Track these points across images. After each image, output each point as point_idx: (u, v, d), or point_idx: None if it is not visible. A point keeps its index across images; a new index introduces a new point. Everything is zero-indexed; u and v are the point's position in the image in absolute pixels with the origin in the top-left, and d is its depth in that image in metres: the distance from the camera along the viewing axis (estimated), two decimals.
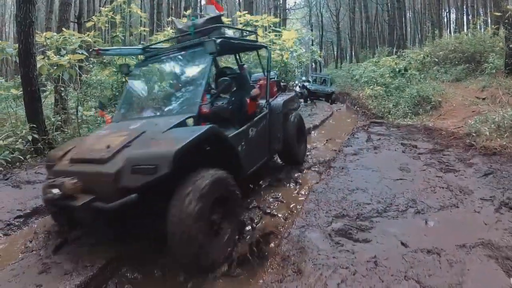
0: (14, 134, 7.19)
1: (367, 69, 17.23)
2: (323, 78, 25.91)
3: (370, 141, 7.03)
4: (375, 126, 8.86)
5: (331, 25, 44.93)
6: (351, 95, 19.40)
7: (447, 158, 5.56)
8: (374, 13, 39.50)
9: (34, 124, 6.99)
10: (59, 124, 8.16)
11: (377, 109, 11.22)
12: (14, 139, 6.98)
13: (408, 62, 13.90)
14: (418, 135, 7.53)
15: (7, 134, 7.16)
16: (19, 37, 6.86)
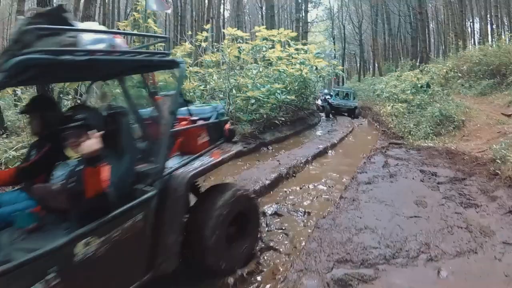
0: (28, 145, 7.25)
1: (389, 84, 16.84)
2: (346, 92, 25.32)
3: (387, 167, 6.70)
4: (394, 148, 8.50)
5: (354, 37, 44.55)
6: (373, 110, 18.99)
7: (469, 189, 5.19)
8: (396, 24, 38.93)
9: None
10: None
11: (398, 128, 10.85)
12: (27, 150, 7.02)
13: (431, 77, 13.45)
14: (439, 159, 7.15)
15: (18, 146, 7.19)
16: None
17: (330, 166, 8.99)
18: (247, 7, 49.86)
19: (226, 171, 8.95)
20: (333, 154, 10.66)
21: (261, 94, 12.98)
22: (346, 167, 8.72)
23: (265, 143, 12.46)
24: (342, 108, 22.42)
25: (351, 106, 22.31)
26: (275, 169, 7.67)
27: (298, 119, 17.33)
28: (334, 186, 6.92)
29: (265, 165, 8.25)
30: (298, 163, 8.61)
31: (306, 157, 9.16)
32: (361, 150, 11.01)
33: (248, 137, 12.10)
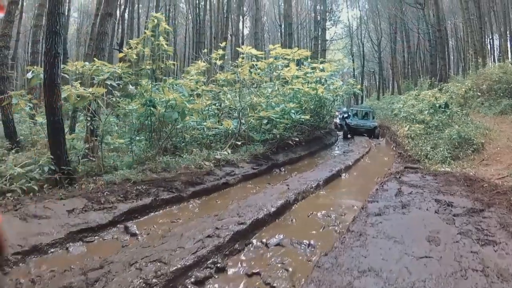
0: (36, 162, 7.25)
1: (406, 103, 16.38)
2: (365, 111, 24.76)
3: (400, 196, 6.26)
4: (409, 173, 8.06)
5: (373, 55, 44.12)
6: (391, 129, 18.51)
7: (487, 223, 4.75)
8: (416, 42, 38.38)
9: (56, 153, 7.03)
10: (86, 152, 8.38)
11: (414, 151, 10.41)
12: (33, 167, 7.05)
13: (449, 97, 12.97)
14: (456, 186, 6.69)
15: (27, 162, 7.23)
16: (44, 67, 6.99)
17: (341, 192, 8.62)
18: (266, 25, 50.16)
19: (235, 194, 8.69)
20: (347, 178, 10.27)
21: (275, 113, 12.73)
22: (358, 193, 8.34)
23: (278, 164, 12.15)
24: (360, 128, 21.94)
25: (370, 126, 21.78)
26: (282, 195, 7.32)
27: (314, 138, 16.98)
28: (344, 215, 6.55)
29: (273, 190, 7.91)
30: (308, 188, 8.25)
31: (317, 181, 8.79)
32: (376, 173, 10.59)
33: (260, 158, 11.81)
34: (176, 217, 6.51)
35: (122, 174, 7.69)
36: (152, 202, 6.76)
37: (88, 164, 8.12)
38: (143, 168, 8.55)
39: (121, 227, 5.80)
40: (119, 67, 9.14)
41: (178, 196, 7.52)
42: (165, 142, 10.39)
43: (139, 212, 6.43)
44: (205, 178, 8.93)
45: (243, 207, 6.50)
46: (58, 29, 6.98)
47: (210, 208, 7.09)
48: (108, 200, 6.29)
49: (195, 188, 8.19)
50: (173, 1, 36.64)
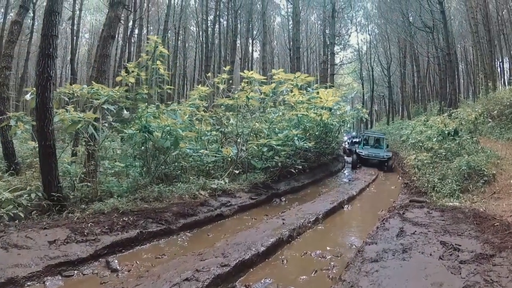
0: (25, 187, 7.08)
1: (415, 130, 15.74)
2: (376, 138, 21.99)
3: (402, 237, 5.64)
4: (414, 208, 7.40)
5: (383, 79, 43.60)
6: (399, 156, 17.84)
7: (497, 273, 4.12)
8: (425, 66, 37.87)
9: (47, 179, 6.84)
10: (82, 177, 8.21)
11: (421, 182, 9.71)
12: (23, 192, 6.85)
13: (459, 123, 12.29)
14: (464, 225, 6.05)
15: (19, 186, 7.09)
16: (37, 91, 6.86)
17: (341, 227, 8.03)
18: (276, 49, 50.23)
19: (229, 227, 8.16)
20: (350, 210, 9.66)
21: (278, 140, 12.24)
22: (359, 229, 7.76)
23: (278, 193, 11.60)
24: (372, 159, 19.07)
25: (384, 157, 18.80)
26: (276, 231, 6.79)
27: (319, 165, 16.41)
28: (340, 255, 5.97)
29: (267, 225, 7.37)
30: (306, 223, 7.69)
31: (316, 215, 8.22)
32: (381, 204, 9.99)
33: (259, 187, 11.27)
34: (162, 252, 6.10)
35: (112, 203, 7.31)
36: (138, 235, 6.35)
37: (83, 190, 7.87)
38: (134, 197, 8.19)
39: (103, 261, 5.47)
40: (116, 91, 8.86)
41: (167, 228, 7.04)
42: (159, 169, 9.93)
43: (123, 246, 6.03)
44: (199, 209, 8.46)
45: (231, 245, 6.00)
46: (51, 52, 6.83)
47: (200, 242, 6.67)
48: (92, 232, 5.94)
49: (186, 220, 7.76)
50: (183, 24, 36.78)
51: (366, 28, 44.99)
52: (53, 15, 6.95)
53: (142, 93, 9.88)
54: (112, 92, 8.77)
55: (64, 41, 40.95)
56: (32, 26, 26.24)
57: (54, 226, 5.90)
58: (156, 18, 37.80)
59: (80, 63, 40.96)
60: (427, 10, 25.80)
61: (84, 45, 46.67)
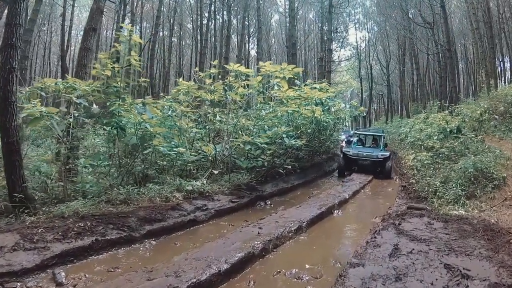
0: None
1: (414, 127, 14.45)
2: (373, 136, 17.59)
3: (396, 257, 4.39)
4: (412, 217, 6.12)
5: (382, 77, 42.28)
6: (398, 155, 16.52)
7: None
8: (425, 64, 36.56)
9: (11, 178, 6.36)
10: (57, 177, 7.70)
11: (421, 185, 8.32)
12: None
13: (462, 120, 10.99)
14: (473, 241, 4.83)
15: None
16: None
17: (327, 237, 6.81)
18: (274, 47, 49.04)
19: (202, 234, 7.10)
20: (340, 216, 8.43)
21: (267, 138, 11.09)
22: (347, 241, 6.55)
23: (263, 196, 10.39)
24: (363, 161, 15.06)
25: (378, 157, 14.68)
26: (247, 243, 5.64)
27: (312, 165, 15.20)
28: (320, 277, 4.79)
29: (239, 235, 6.24)
30: (286, 232, 6.50)
31: (299, 222, 7.04)
32: (376, 209, 8.79)
33: (243, 188, 10.07)
34: (118, 264, 5.30)
35: (73, 206, 6.56)
36: (94, 244, 5.57)
37: (53, 191, 7.30)
38: (100, 200, 7.24)
39: (50, 272, 4.82)
40: (91, 85, 8.08)
41: (128, 236, 6.16)
42: (132, 169, 8.86)
43: (76, 255, 5.30)
44: (169, 214, 7.38)
45: (190, 260, 4.95)
46: (14, 42, 6.33)
47: (165, 253, 5.85)
48: (43, 238, 5.26)
49: (152, 226, 6.72)
50: (178, 21, 35.58)
51: (365, 26, 43.74)
52: (18, 3, 6.41)
53: (113, 86, 8.73)
54: (87, 86, 7.97)
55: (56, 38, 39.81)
56: None
57: (6, 231, 5.34)
58: (151, 14, 36.55)
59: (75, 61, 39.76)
60: (427, 5, 24.51)
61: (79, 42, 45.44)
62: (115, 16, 23.82)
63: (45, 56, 38.49)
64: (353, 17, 41.86)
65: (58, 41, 40.03)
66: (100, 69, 8.51)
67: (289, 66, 10.37)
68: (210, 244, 5.84)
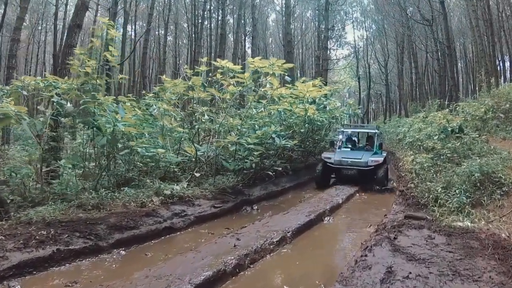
0: None
1: (413, 127, 13.55)
2: (367, 135, 14.86)
3: (389, 283, 3.53)
4: (410, 229, 5.21)
5: (380, 77, 41.38)
6: (396, 155, 15.57)
7: None
8: (424, 63, 35.68)
9: None
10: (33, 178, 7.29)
11: (420, 190, 7.28)
12: None
13: (463, 119, 10.09)
14: (481, 261, 3.98)
15: None
16: None
17: (314, 250, 5.96)
18: (272, 47, 48.28)
19: (176, 244, 6.40)
20: (330, 224, 7.58)
21: (256, 138, 10.33)
22: (337, 255, 5.70)
23: (250, 200, 9.57)
24: (347, 170, 11.77)
25: (368, 165, 11.48)
26: (220, 258, 4.88)
27: (307, 166, 14.30)
28: None
29: (214, 247, 5.50)
30: (267, 244, 5.68)
31: (284, 232, 6.21)
32: (371, 216, 7.96)
33: (227, 192, 9.24)
34: (77, 278, 4.72)
35: (42, 211, 6.04)
36: (55, 254, 5.01)
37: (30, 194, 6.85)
38: (70, 204, 6.62)
39: (6, 284, 4.41)
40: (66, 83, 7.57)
41: (94, 246, 5.56)
42: (104, 171, 8.21)
43: (35, 266, 4.77)
44: (143, 221, 6.67)
45: (150, 278, 4.29)
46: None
47: (134, 264, 5.23)
48: (3, 247, 4.79)
49: (122, 234, 6.07)
50: (173, 19, 34.71)
51: (363, 24, 42.79)
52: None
53: (88, 83, 7.96)
54: (65, 84, 7.51)
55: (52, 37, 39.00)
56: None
57: None
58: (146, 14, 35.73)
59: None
60: (426, 2, 23.63)
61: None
62: (108, 14, 22.89)
63: (39, 56, 37.62)
64: (350, 15, 41.04)
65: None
66: (77, 66, 7.88)
67: (279, 61, 9.51)
68: (179, 258, 5.10)
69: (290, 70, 18.80)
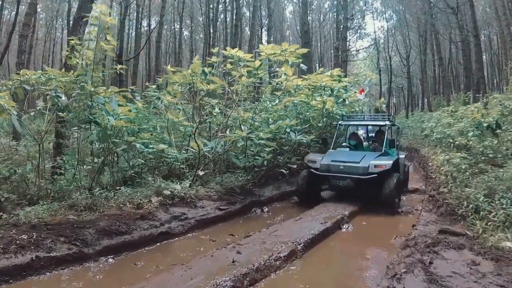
0: None
1: (441, 122, 12.26)
2: (376, 129, 11.12)
3: None
4: (447, 249, 4.08)
5: (401, 69, 39.66)
6: (420, 153, 14.30)
7: None
8: (447, 55, 33.90)
9: None
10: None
11: (455, 196, 5.93)
12: None
13: (500, 114, 8.80)
14: None
15: None
16: None
17: (329, 267, 5.00)
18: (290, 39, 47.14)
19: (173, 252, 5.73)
20: (349, 232, 6.56)
21: (269, 133, 9.47)
22: (355, 276, 4.67)
23: (260, 201, 8.64)
24: (340, 180, 8.34)
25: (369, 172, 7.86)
26: (213, 279, 4.11)
27: None
28: None
29: (209, 262, 4.67)
30: (272, 260, 4.75)
31: (294, 244, 5.29)
32: (396, 222, 6.93)
33: (235, 192, 8.32)
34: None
35: (32, 212, 5.56)
36: (33, 262, 4.47)
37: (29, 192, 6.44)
38: (62, 205, 6.04)
39: None
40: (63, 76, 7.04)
41: (78, 253, 4.92)
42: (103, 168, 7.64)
43: (12, 275, 4.30)
44: (136, 225, 5.94)
45: None
46: None
47: (121, 275, 4.67)
48: None
49: (112, 240, 5.41)
50: (189, 13, 33.93)
51: (383, 15, 41.03)
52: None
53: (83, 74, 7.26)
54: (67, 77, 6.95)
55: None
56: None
57: None
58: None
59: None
60: None
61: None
62: (120, 8, 22.22)
63: (55, 52, 37.62)
64: (370, 5, 39.28)
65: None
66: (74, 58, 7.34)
67: (292, 46, 8.46)
68: (165, 276, 4.26)
69: (308, 62, 17.80)
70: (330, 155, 8.99)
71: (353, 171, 7.98)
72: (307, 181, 8.64)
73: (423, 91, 36.34)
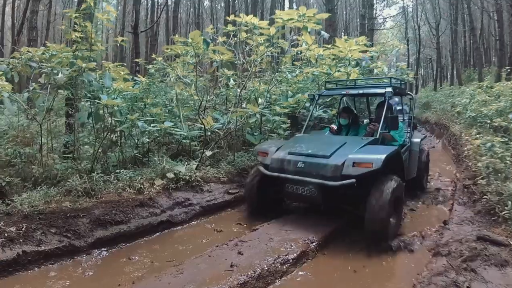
0: None
1: (475, 99, 11.07)
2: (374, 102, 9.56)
3: None
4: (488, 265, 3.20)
5: (430, 40, 37.46)
6: (450, 130, 13.11)
7: None
8: (479, 26, 31.56)
9: None
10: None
11: (495, 191, 4.91)
12: None
13: None
14: None
15: None
16: None
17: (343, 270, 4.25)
18: (313, 7, 45.34)
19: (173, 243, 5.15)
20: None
21: (286, 107, 8.81)
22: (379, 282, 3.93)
23: None
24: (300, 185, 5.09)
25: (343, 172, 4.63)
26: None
27: None
28: None
29: (202, 266, 3.97)
30: (278, 264, 4.09)
31: (307, 242, 4.65)
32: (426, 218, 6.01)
33: (246, 174, 7.57)
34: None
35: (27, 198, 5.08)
36: (20, 257, 4.04)
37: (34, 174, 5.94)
38: (59, 191, 5.50)
39: None
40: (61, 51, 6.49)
41: (69, 246, 4.48)
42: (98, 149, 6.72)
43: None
44: (135, 212, 5.41)
45: None
46: None
47: (113, 271, 4.22)
48: None
49: (106, 230, 4.91)
50: None
51: None
52: None
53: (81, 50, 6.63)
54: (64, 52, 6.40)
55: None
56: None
57: None
58: None
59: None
60: None
61: None
62: None
63: None
64: None
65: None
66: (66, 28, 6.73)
67: (310, 11, 7.40)
68: (151, 283, 3.66)
69: (332, 31, 16.59)
70: (291, 143, 5.96)
71: (318, 172, 4.84)
72: (257, 185, 5.79)
73: (452, 63, 34.18)
